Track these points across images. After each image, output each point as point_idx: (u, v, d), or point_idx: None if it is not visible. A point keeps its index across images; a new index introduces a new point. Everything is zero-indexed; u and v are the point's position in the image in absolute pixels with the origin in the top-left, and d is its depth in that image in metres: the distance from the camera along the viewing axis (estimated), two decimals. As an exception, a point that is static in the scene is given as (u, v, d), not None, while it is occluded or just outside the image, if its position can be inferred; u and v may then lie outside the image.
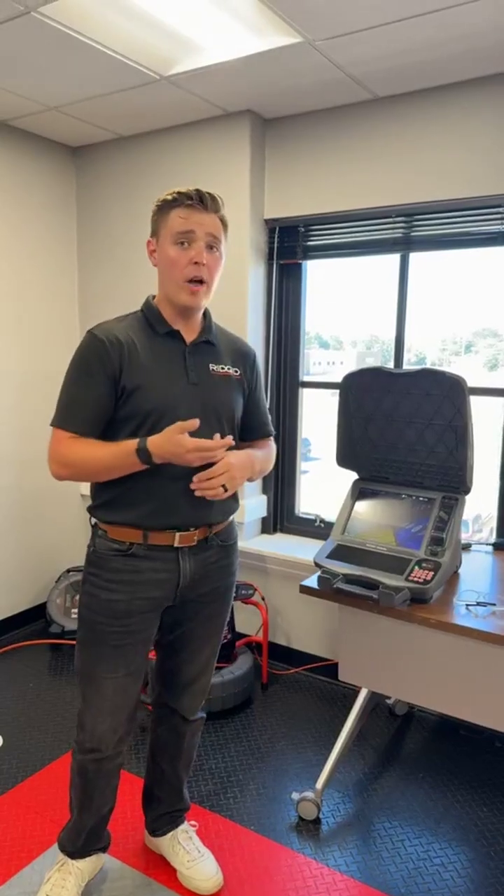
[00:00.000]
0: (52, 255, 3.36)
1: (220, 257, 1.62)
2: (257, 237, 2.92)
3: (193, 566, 1.66)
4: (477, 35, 2.10)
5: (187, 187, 1.57)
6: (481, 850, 2.01)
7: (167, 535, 1.61)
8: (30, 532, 3.41)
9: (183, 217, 1.55)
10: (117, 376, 1.54)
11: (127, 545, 1.60)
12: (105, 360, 1.54)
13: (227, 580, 1.77)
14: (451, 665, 1.95)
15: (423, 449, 2.12)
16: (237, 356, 1.73)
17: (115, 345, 1.55)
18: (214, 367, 1.66)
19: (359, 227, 2.76)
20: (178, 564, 1.64)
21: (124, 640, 1.62)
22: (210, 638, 1.80)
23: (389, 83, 2.48)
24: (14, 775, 2.29)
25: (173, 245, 1.56)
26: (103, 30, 2.14)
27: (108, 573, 1.61)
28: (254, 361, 1.79)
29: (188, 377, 1.61)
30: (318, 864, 1.95)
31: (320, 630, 3.01)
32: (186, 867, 1.85)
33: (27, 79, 2.53)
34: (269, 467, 1.83)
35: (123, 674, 1.65)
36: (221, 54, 2.27)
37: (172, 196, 1.56)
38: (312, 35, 2.12)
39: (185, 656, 1.78)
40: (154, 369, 1.57)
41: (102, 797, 1.76)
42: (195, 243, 1.55)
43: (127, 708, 1.69)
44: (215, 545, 1.70)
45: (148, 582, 1.62)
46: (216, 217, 1.59)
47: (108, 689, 1.65)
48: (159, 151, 3.09)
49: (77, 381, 1.56)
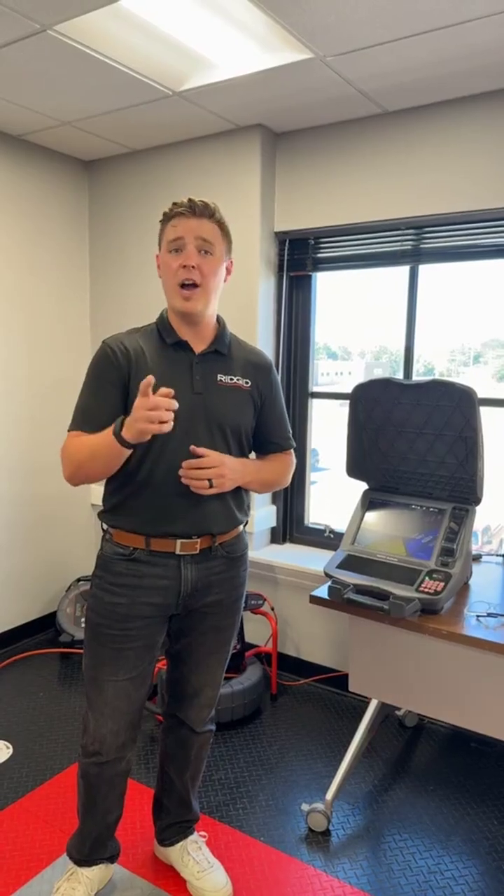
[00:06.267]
0: (64, 267, 3.39)
1: (216, 261, 1.62)
2: (268, 249, 2.94)
3: (195, 575, 1.67)
4: (484, 51, 2.12)
5: (184, 198, 1.60)
6: (492, 863, 2.00)
7: (168, 541, 1.63)
8: (40, 541, 3.43)
9: (175, 225, 1.59)
10: (126, 382, 1.59)
11: (130, 550, 1.63)
12: (114, 368, 1.59)
13: (234, 592, 1.77)
14: (461, 676, 1.95)
15: (433, 460, 2.12)
16: (250, 368, 1.74)
17: (124, 353, 1.60)
18: (223, 378, 1.67)
19: (368, 240, 2.78)
20: (180, 572, 1.65)
21: (125, 644, 1.64)
22: (216, 650, 1.79)
23: (398, 98, 2.50)
24: (24, 784, 2.30)
25: (168, 253, 1.60)
26: (117, 47, 2.18)
27: (111, 576, 1.65)
28: (269, 373, 1.78)
29: (193, 387, 1.62)
30: (328, 876, 1.94)
31: (330, 641, 3.00)
32: (196, 878, 1.84)
33: (42, 95, 2.57)
34: (282, 480, 1.83)
35: (125, 678, 1.66)
36: (233, 70, 2.30)
37: (169, 208, 1.61)
38: (322, 51, 2.15)
39: (191, 667, 1.78)
40: (161, 379, 1.59)
41: (106, 804, 1.77)
42: (186, 248, 1.58)
43: (128, 713, 1.69)
44: (220, 556, 1.70)
45: (150, 587, 1.63)
46: (209, 222, 1.60)
47: (110, 692, 1.66)
48: (171, 165, 3.13)
49: (89, 388, 1.62)
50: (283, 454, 1.84)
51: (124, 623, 1.63)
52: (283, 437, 1.83)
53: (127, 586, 1.63)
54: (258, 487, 1.76)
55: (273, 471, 1.80)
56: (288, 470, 1.85)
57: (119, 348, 1.60)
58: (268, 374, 1.77)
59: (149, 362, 1.61)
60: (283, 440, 1.83)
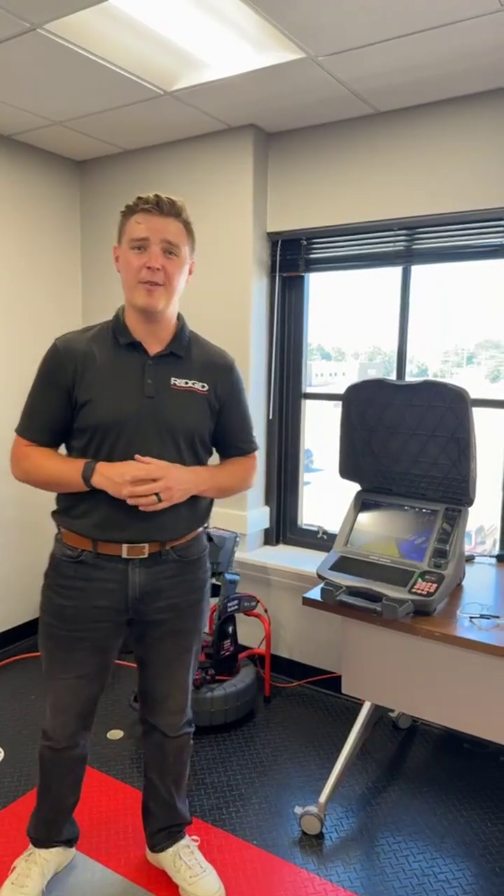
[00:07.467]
0: (56, 268, 3.38)
1: (181, 262, 1.59)
2: (260, 250, 2.94)
3: (144, 579, 1.64)
4: (477, 51, 2.12)
5: (150, 193, 1.57)
6: (486, 865, 1.99)
7: (115, 546, 1.61)
8: (27, 544, 3.40)
9: (140, 222, 1.55)
10: (70, 388, 1.58)
11: (78, 552, 1.63)
12: (60, 373, 1.58)
13: (190, 596, 1.72)
14: (454, 678, 1.94)
15: (425, 460, 2.12)
16: (209, 370, 1.68)
17: (71, 357, 1.58)
18: (177, 382, 1.62)
19: (361, 240, 2.77)
20: (128, 576, 1.63)
21: (74, 644, 1.65)
22: (178, 656, 1.75)
23: (391, 98, 2.50)
24: (14, 789, 2.28)
25: (131, 250, 1.57)
26: (108, 46, 2.16)
27: (60, 578, 1.65)
28: (229, 375, 1.71)
29: (144, 390, 1.59)
30: (322, 879, 1.93)
31: (323, 642, 2.99)
32: (188, 883, 1.83)
33: (32, 94, 2.56)
34: (242, 485, 1.78)
35: (74, 676, 1.67)
36: (225, 70, 2.30)
37: (134, 202, 1.57)
38: (314, 51, 2.14)
39: (155, 673, 1.76)
40: (108, 382, 1.57)
41: (61, 788, 1.80)
42: (150, 248, 1.55)
43: (77, 707, 1.71)
44: (171, 559, 1.67)
45: (97, 591, 1.63)
46: (175, 221, 1.57)
47: (60, 688, 1.69)
48: (163, 165, 3.12)
49: (36, 389, 1.64)
50: (244, 458, 1.79)
51: (73, 625, 1.64)
52: (244, 441, 1.78)
53: (75, 589, 1.63)
54: (214, 494, 1.72)
55: (232, 476, 1.75)
56: (249, 474, 1.80)
57: (68, 352, 1.58)
58: (227, 375, 1.71)
59: (98, 365, 1.58)
60: (245, 443, 1.78)
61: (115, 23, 2.02)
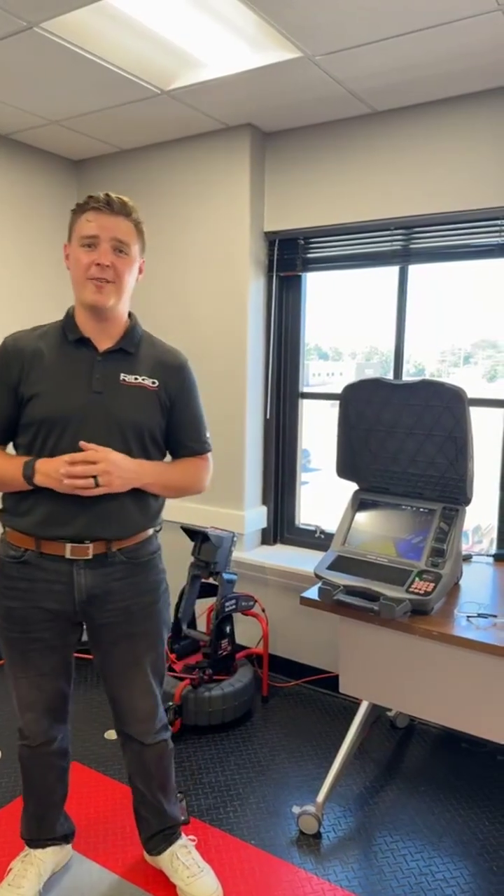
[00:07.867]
0: (53, 267, 3.37)
1: (131, 261, 1.60)
2: (257, 250, 2.93)
3: (91, 581, 1.62)
4: (475, 51, 2.12)
5: (101, 193, 1.58)
6: (484, 864, 1.99)
7: (58, 545, 1.59)
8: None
9: (90, 220, 1.56)
10: (15, 385, 1.58)
11: (21, 552, 1.61)
12: (6, 371, 1.59)
13: (140, 599, 1.68)
14: (452, 677, 1.94)
15: (423, 460, 2.12)
16: (160, 368, 1.67)
17: (18, 355, 1.59)
18: (126, 377, 1.62)
19: (358, 240, 2.77)
20: (73, 577, 1.61)
21: (28, 645, 1.64)
22: (135, 661, 1.71)
23: (388, 97, 2.50)
24: (12, 790, 2.27)
25: (80, 248, 1.57)
26: (105, 45, 2.16)
27: (5, 580, 1.64)
28: (181, 373, 1.70)
29: (92, 385, 1.58)
30: (319, 879, 1.93)
31: (321, 642, 2.99)
32: (186, 883, 1.83)
33: (29, 93, 2.55)
34: (194, 486, 1.76)
35: (35, 674, 1.67)
36: (222, 69, 2.29)
37: (84, 200, 1.59)
38: (312, 50, 2.14)
39: (116, 681, 1.73)
40: (55, 377, 1.57)
41: (44, 785, 1.80)
42: (100, 246, 1.55)
43: (43, 703, 1.71)
44: (118, 561, 1.64)
45: (43, 592, 1.61)
46: (125, 220, 1.58)
47: (23, 687, 1.69)
48: (160, 165, 3.11)
49: None
50: (196, 458, 1.77)
51: (23, 626, 1.63)
52: (196, 441, 1.76)
53: (20, 590, 1.62)
54: (160, 491, 1.69)
55: (183, 474, 1.73)
56: (201, 475, 1.77)
57: (14, 349, 1.59)
58: (178, 373, 1.70)
59: (46, 362, 1.58)
60: (197, 444, 1.76)
61: (112, 21, 2.01)
